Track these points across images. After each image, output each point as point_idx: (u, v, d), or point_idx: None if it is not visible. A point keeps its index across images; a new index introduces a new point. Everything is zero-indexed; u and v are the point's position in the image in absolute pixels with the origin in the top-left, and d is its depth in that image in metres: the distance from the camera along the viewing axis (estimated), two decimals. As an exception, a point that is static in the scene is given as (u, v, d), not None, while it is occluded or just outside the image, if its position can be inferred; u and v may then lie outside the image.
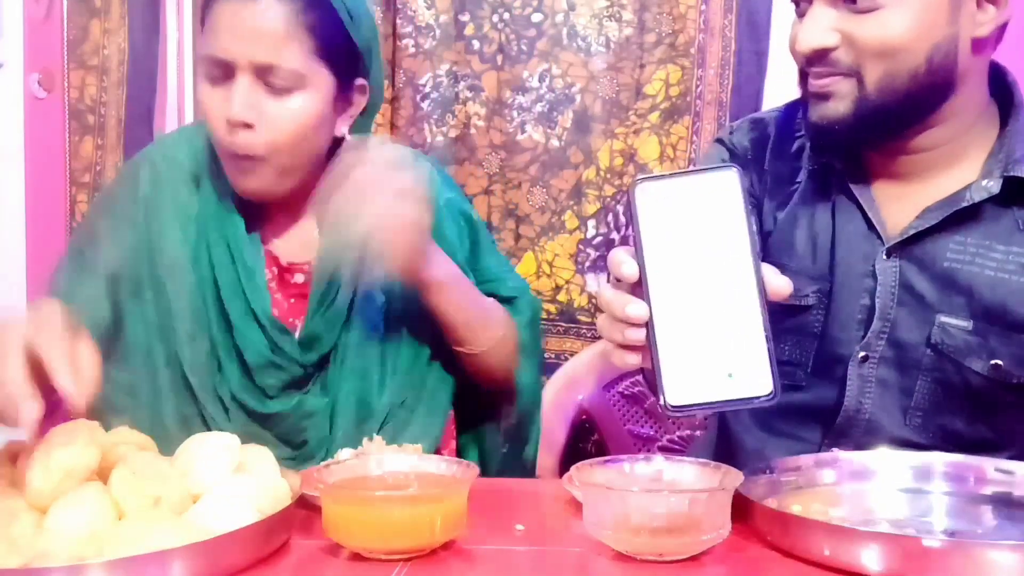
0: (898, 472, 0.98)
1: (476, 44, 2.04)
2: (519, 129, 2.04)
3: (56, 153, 1.97)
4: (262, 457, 0.90)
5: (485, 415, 1.28)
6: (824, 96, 1.05)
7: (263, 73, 1.07)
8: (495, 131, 2.04)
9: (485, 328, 1.17)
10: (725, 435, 1.27)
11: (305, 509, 0.89)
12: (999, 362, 1.06)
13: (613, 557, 0.80)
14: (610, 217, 2.03)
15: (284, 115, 1.08)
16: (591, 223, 2.03)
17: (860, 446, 1.10)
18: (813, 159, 1.17)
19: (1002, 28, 1.07)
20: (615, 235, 2.03)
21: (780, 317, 1.16)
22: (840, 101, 1.04)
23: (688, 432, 1.89)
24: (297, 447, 1.15)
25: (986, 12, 1.04)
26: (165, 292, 1.15)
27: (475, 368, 1.20)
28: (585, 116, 2.02)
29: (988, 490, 0.94)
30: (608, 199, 2.03)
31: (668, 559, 0.79)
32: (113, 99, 2.00)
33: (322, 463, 0.93)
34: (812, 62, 1.05)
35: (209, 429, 1.13)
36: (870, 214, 1.11)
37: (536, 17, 2.03)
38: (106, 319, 1.14)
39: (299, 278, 1.19)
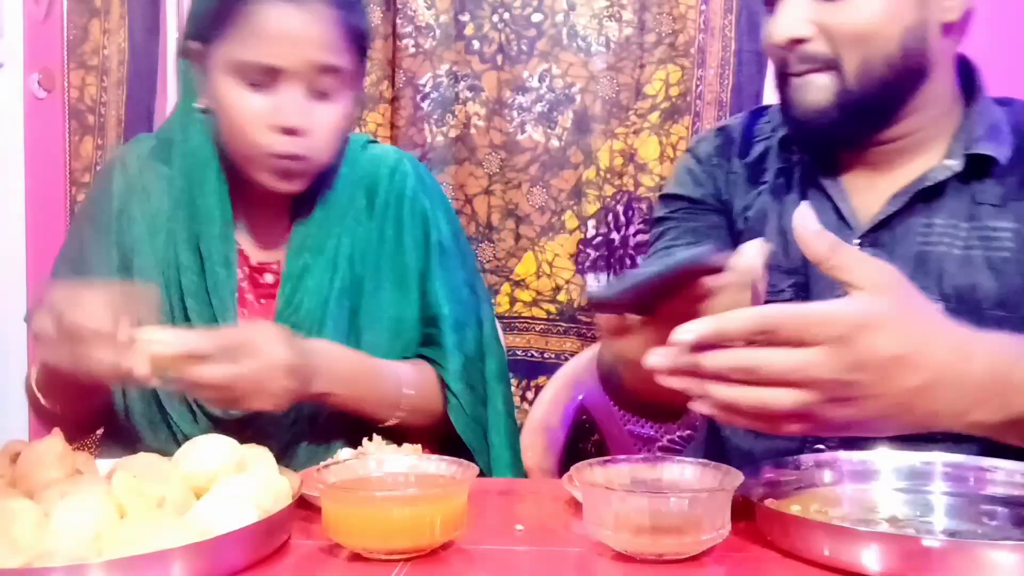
0: (898, 472, 0.98)
1: (476, 44, 2.04)
2: (519, 129, 2.04)
3: (56, 153, 1.97)
4: (262, 457, 0.90)
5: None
6: (806, 90, 1.07)
7: (311, 78, 1.07)
8: (495, 131, 2.04)
9: (386, 407, 1.15)
10: (714, 437, 1.28)
11: (305, 509, 0.89)
12: None
13: (613, 557, 0.80)
14: (610, 217, 2.03)
15: (330, 117, 1.10)
16: (591, 223, 2.03)
17: (845, 440, 1.11)
18: (781, 158, 1.19)
19: (968, 18, 1.10)
20: (615, 235, 2.02)
21: None
22: (822, 93, 1.07)
23: (688, 432, 1.89)
24: None
25: None
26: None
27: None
28: (585, 116, 2.02)
29: (988, 490, 0.94)
30: (608, 199, 2.02)
31: (668, 559, 0.79)
32: (113, 99, 2.00)
33: (321, 463, 0.93)
34: (788, 56, 1.07)
35: (175, 435, 1.13)
36: (840, 206, 1.13)
37: (536, 17, 2.03)
38: None
39: (268, 278, 1.19)
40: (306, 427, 1.15)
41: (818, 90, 1.06)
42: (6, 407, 1.80)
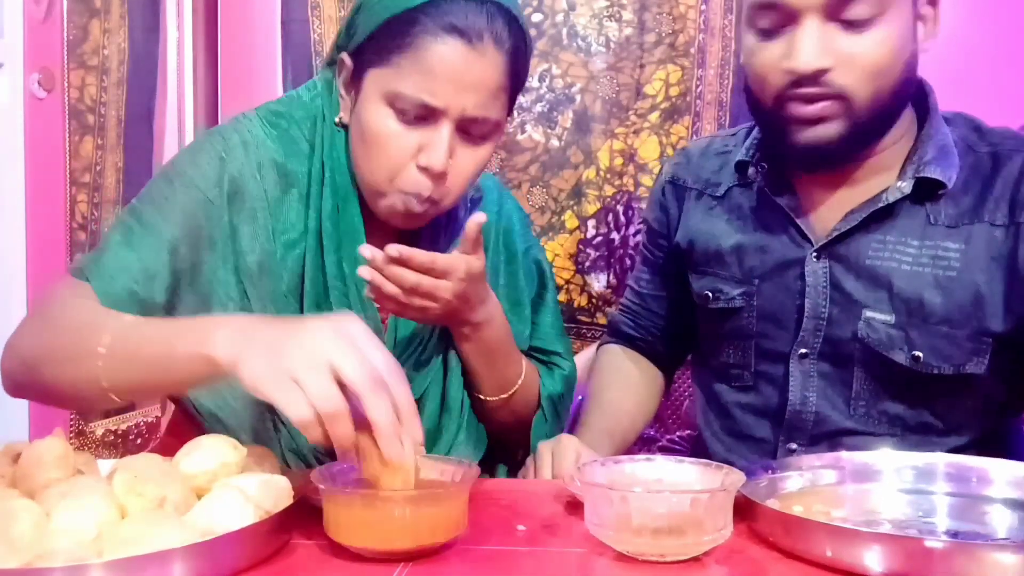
0: (900, 472, 0.98)
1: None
2: (519, 129, 2.04)
3: (56, 153, 1.97)
4: (262, 457, 0.90)
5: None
6: (815, 120, 1.08)
7: (464, 123, 1.02)
8: (495, 131, 2.04)
9: (502, 379, 1.16)
10: (700, 442, 1.34)
11: (305, 510, 0.89)
12: (919, 354, 1.12)
13: (614, 558, 0.80)
14: (610, 217, 2.03)
15: (470, 164, 1.05)
16: (591, 223, 2.03)
17: (813, 440, 1.18)
18: (736, 175, 1.25)
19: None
20: (615, 235, 2.03)
21: (717, 323, 1.27)
22: (831, 123, 1.08)
23: (688, 432, 1.89)
24: None
25: (920, 30, 1.10)
26: (231, 294, 1.06)
27: (486, 415, 1.19)
28: (585, 116, 2.02)
29: (991, 491, 0.94)
30: (608, 199, 2.02)
31: (670, 560, 0.79)
32: (113, 99, 2.00)
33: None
34: (802, 84, 1.07)
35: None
36: (798, 221, 1.17)
37: (536, 17, 2.03)
38: (159, 302, 1.03)
39: None
40: None
41: (829, 123, 1.08)
42: (6, 407, 1.80)
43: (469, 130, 1.03)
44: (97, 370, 0.90)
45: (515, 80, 1.06)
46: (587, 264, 2.04)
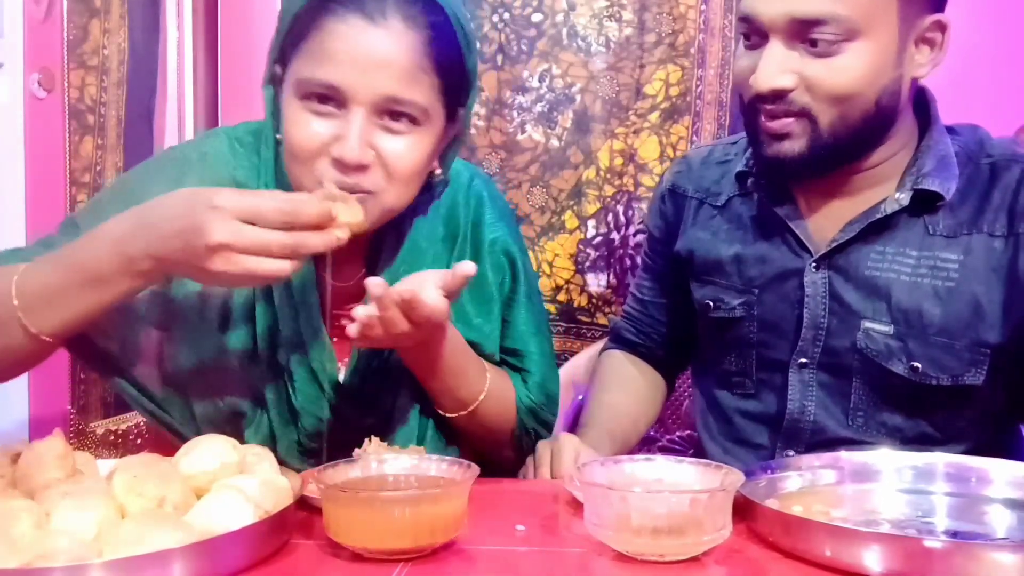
0: (900, 472, 0.98)
1: (476, 44, 2.04)
2: (519, 129, 2.04)
3: (56, 153, 1.97)
4: (262, 457, 0.90)
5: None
6: (779, 136, 1.10)
7: (381, 108, 0.96)
8: (495, 131, 2.04)
9: (460, 395, 1.09)
10: (698, 445, 1.35)
11: (305, 510, 0.89)
12: (917, 364, 1.12)
13: (614, 558, 0.80)
14: (610, 217, 2.03)
15: (405, 154, 0.98)
16: (591, 223, 2.03)
17: (810, 448, 1.18)
18: (737, 185, 1.25)
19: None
20: (615, 235, 2.02)
21: (718, 331, 1.27)
22: (795, 141, 1.09)
23: (688, 432, 1.89)
24: None
25: (923, 54, 1.10)
26: (177, 322, 1.04)
27: (457, 428, 1.14)
28: (585, 116, 2.02)
29: (990, 491, 0.94)
30: (608, 199, 2.02)
31: (669, 559, 0.79)
32: (113, 99, 2.00)
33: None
34: (766, 100, 1.09)
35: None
36: (797, 231, 1.18)
37: (536, 17, 2.03)
38: None
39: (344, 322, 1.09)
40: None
41: (791, 141, 1.09)
42: (6, 407, 1.80)
43: (390, 116, 0.97)
44: (21, 324, 0.92)
45: (441, 63, 0.99)
46: (587, 264, 2.04)
